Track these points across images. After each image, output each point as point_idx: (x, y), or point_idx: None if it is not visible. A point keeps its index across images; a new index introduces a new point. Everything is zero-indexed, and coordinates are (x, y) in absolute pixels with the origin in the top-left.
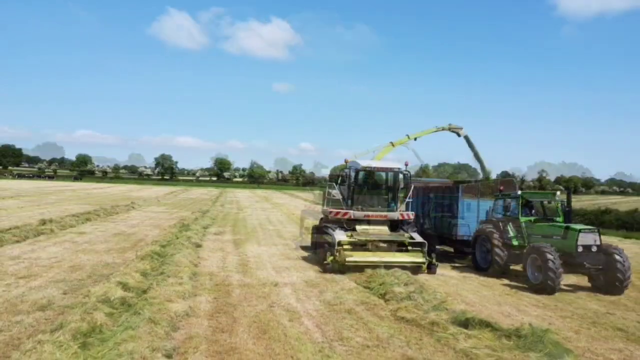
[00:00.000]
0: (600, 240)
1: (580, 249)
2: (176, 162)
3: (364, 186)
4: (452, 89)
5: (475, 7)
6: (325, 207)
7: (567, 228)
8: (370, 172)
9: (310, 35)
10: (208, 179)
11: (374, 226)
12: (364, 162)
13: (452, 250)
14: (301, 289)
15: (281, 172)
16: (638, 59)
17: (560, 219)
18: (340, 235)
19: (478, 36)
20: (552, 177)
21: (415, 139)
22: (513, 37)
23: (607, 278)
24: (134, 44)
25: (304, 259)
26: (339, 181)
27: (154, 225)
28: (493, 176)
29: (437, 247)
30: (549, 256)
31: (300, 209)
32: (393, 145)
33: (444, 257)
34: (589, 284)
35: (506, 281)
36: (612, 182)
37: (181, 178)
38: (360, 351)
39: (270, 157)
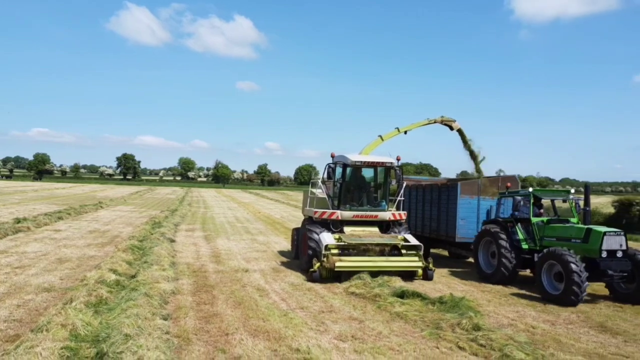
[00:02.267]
0: (627, 244)
1: (604, 254)
2: (139, 162)
3: (352, 183)
4: (415, 92)
5: (433, 10)
6: (308, 208)
7: (589, 230)
8: (359, 168)
9: (275, 34)
10: (172, 178)
11: (363, 227)
12: (353, 156)
13: (447, 253)
14: (269, 274)
15: (246, 171)
16: (591, 62)
17: (575, 219)
18: (327, 239)
19: (436, 38)
20: None
21: (405, 132)
22: (471, 40)
23: (633, 286)
24: (92, 39)
25: (272, 251)
26: (324, 178)
27: (126, 223)
28: (451, 175)
29: (430, 250)
30: (573, 264)
31: (275, 211)
32: (382, 139)
33: (437, 261)
34: (606, 292)
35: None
36: (565, 181)
37: (144, 178)
38: (317, 314)
39: (236, 157)
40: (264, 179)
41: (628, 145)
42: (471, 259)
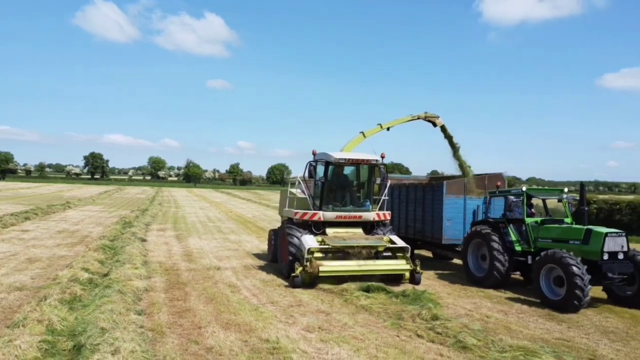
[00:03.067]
0: (628, 245)
1: (605, 257)
2: (107, 161)
3: (335, 182)
4: (386, 91)
5: (404, 10)
6: (287, 208)
7: (589, 231)
8: (342, 166)
9: (247, 31)
10: (142, 178)
11: (346, 229)
12: (337, 154)
13: (430, 254)
14: (240, 271)
15: (218, 170)
16: (556, 65)
17: (568, 219)
18: (309, 242)
19: (407, 38)
20: None
21: (388, 128)
22: (440, 42)
23: (632, 290)
24: (56, 34)
25: (244, 250)
26: (305, 177)
27: (96, 223)
28: (422, 174)
29: (414, 251)
30: (575, 267)
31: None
32: (365, 135)
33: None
34: (603, 296)
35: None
36: (532, 180)
37: (113, 177)
38: (286, 308)
39: (208, 156)
40: (236, 179)
41: (592, 145)
42: (455, 260)
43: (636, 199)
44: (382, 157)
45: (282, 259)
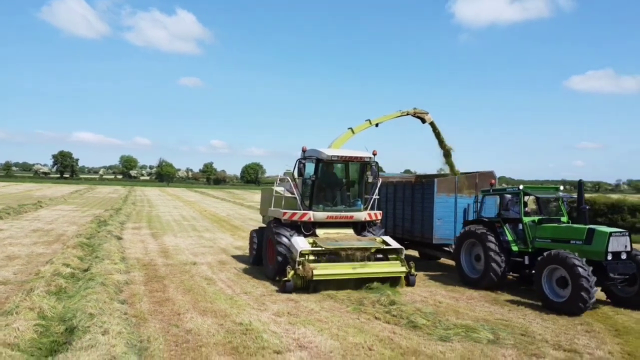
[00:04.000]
0: (631, 245)
1: (609, 257)
2: (77, 160)
3: (324, 181)
4: (359, 91)
5: (378, 11)
6: (274, 208)
7: (592, 230)
8: (334, 164)
9: (219, 29)
10: (113, 177)
11: (337, 229)
12: (329, 151)
13: (417, 254)
14: (215, 266)
15: (191, 170)
16: (525, 66)
17: (564, 218)
18: (301, 244)
19: (382, 39)
20: None
21: (377, 124)
22: (413, 41)
23: (633, 290)
24: (22, 29)
25: (218, 247)
26: (293, 175)
27: (70, 222)
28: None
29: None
30: (580, 268)
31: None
32: (353, 132)
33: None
34: (604, 298)
35: None
36: (502, 179)
37: (83, 176)
38: (258, 297)
39: (180, 154)
40: (210, 178)
41: (560, 145)
42: (443, 260)
43: (619, 200)
44: (374, 154)
45: (267, 261)
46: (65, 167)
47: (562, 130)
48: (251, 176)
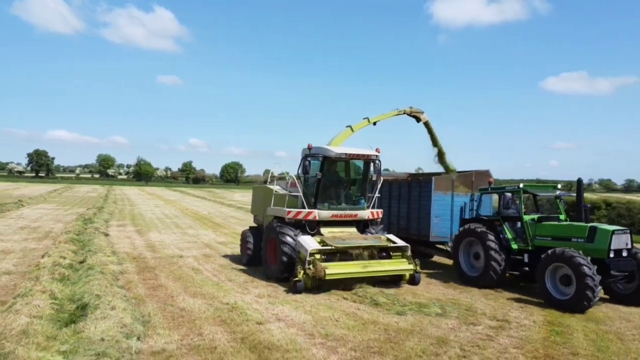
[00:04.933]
0: (632, 243)
1: (611, 255)
2: (53, 159)
3: (328, 179)
4: (339, 91)
5: (358, 11)
6: (275, 207)
7: (594, 228)
8: (340, 162)
9: (198, 27)
10: (90, 176)
11: (341, 228)
12: (337, 148)
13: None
14: (201, 258)
15: (170, 169)
16: (502, 67)
17: (562, 216)
18: (310, 243)
19: (359, 38)
20: None
21: (374, 123)
22: (392, 42)
23: (632, 287)
24: None
25: (202, 242)
26: (298, 173)
27: (55, 220)
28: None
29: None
30: (585, 267)
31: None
32: (352, 130)
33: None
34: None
35: None
36: None
37: (59, 175)
38: (242, 283)
39: (159, 153)
40: (189, 177)
41: (536, 145)
42: (437, 258)
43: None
44: (378, 152)
45: (269, 261)
46: (41, 166)
47: (537, 131)
48: (231, 175)
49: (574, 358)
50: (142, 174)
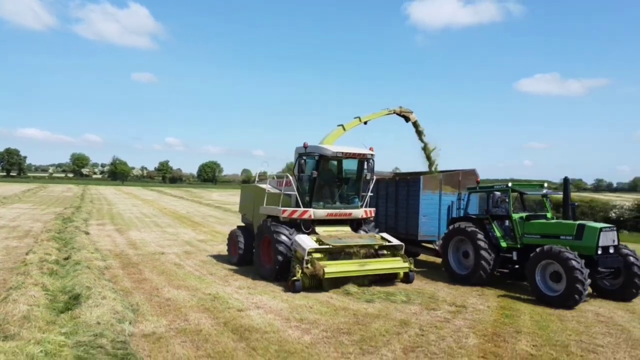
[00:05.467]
0: (618, 239)
1: (599, 251)
2: (24, 157)
3: (323, 178)
4: (315, 90)
5: (336, 10)
6: (268, 206)
7: (582, 226)
8: (335, 160)
9: (174, 24)
10: (64, 175)
11: (335, 227)
12: (333, 147)
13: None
14: (182, 255)
15: (146, 168)
16: (478, 68)
17: (549, 214)
18: (308, 242)
19: (337, 38)
20: None
21: (366, 122)
22: (369, 42)
23: (618, 282)
24: None
25: (182, 240)
26: (294, 171)
27: (33, 219)
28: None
29: None
30: (574, 262)
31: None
32: (345, 128)
33: None
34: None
35: None
36: None
37: (31, 175)
38: (223, 277)
39: (134, 152)
40: (166, 176)
41: (509, 145)
42: (424, 257)
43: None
44: (372, 151)
45: (263, 261)
46: (12, 165)
47: (511, 131)
48: (208, 175)
49: (517, 335)
50: (117, 174)
